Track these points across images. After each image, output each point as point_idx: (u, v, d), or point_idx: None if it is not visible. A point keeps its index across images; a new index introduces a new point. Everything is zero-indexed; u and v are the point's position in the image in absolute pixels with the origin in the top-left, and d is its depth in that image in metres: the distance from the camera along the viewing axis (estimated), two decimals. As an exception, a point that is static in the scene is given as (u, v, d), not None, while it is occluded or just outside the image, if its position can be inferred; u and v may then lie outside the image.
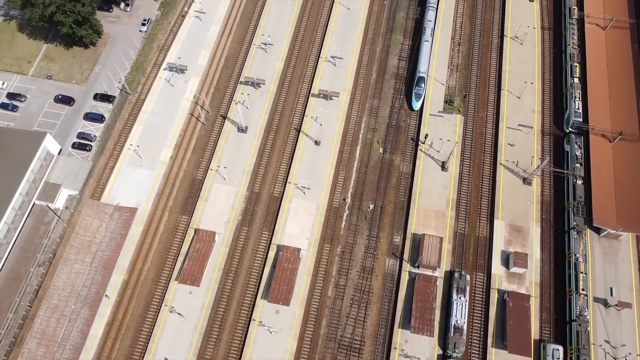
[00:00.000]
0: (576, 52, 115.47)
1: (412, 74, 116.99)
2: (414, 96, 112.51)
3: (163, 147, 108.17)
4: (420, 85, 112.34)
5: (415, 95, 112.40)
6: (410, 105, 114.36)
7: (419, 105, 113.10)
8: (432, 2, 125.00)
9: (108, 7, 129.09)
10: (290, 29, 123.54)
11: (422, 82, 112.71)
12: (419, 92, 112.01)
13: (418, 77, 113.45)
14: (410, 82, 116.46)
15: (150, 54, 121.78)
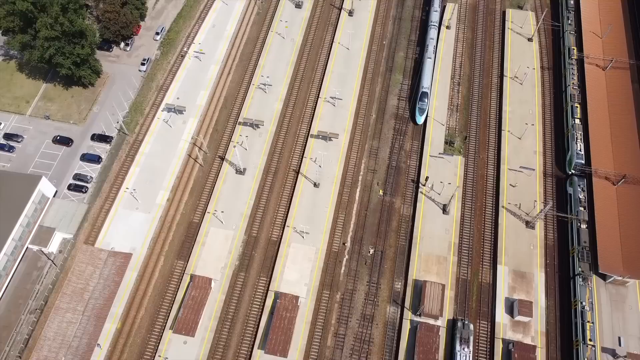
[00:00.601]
0: (576, 93, 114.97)
1: (416, 90, 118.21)
2: (417, 111, 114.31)
3: (160, 190, 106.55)
4: (423, 100, 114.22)
5: (418, 110, 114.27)
6: (413, 120, 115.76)
7: (422, 119, 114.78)
8: (433, 21, 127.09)
9: (108, 46, 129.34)
10: (289, 69, 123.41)
11: (425, 97, 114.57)
12: (422, 106, 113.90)
13: (421, 93, 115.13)
14: (413, 97, 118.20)
15: (149, 94, 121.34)
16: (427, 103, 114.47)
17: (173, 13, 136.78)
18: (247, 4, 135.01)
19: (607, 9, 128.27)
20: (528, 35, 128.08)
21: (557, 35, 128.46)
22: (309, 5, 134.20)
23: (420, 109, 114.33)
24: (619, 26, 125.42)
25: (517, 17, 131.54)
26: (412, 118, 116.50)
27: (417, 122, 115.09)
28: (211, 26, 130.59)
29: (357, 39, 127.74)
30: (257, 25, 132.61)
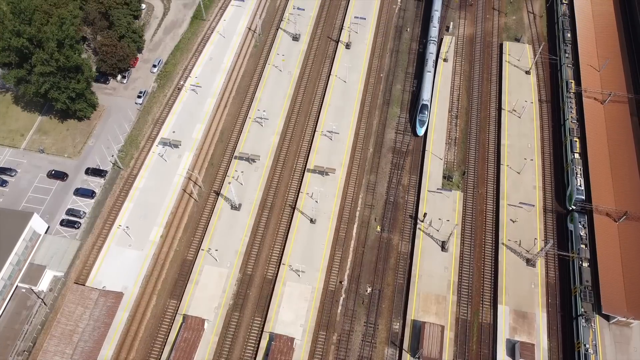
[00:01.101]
0: (575, 127, 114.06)
1: (416, 102, 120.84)
2: (418, 122, 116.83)
3: (153, 226, 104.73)
4: (423, 113, 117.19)
5: (419, 122, 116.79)
6: (414, 132, 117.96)
7: (422, 131, 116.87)
8: (432, 36, 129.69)
9: (105, 79, 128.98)
10: (286, 102, 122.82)
11: (425, 109, 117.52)
12: (423, 118, 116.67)
13: (421, 105, 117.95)
14: (414, 109, 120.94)
15: (145, 128, 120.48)
16: (427, 115, 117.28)
17: (171, 45, 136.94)
18: (244, 37, 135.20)
19: (604, 42, 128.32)
20: (525, 68, 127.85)
21: (554, 68, 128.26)
22: (306, 38, 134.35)
23: (420, 120, 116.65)
24: (617, 60, 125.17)
25: (514, 49, 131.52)
26: (413, 130, 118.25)
27: (418, 134, 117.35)
28: (208, 59, 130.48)
29: (354, 71, 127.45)
30: (254, 58, 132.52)
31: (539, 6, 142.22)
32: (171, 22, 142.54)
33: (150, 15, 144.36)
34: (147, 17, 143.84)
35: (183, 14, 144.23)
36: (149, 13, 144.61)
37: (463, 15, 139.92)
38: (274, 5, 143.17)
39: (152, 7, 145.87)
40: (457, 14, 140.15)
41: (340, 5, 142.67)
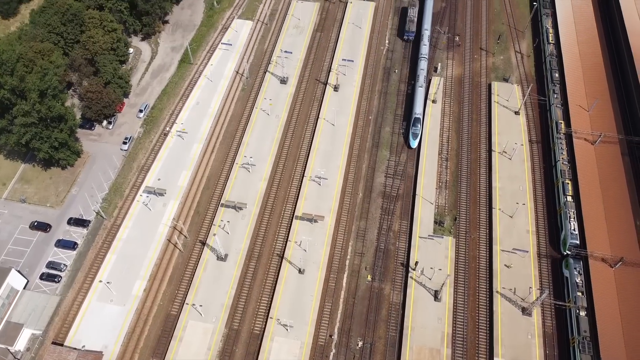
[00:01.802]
0: (567, 169, 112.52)
1: (409, 116, 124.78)
2: (411, 135, 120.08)
3: (136, 279, 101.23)
4: (416, 126, 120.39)
5: (412, 135, 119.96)
6: (407, 144, 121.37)
7: (416, 143, 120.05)
8: (423, 53, 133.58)
9: (90, 125, 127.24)
10: (274, 146, 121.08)
11: (418, 122, 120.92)
12: (416, 131, 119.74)
13: (414, 118, 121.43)
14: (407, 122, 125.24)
15: (130, 175, 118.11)
16: (420, 128, 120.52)
17: (158, 89, 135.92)
18: (232, 81, 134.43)
19: (592, 82, 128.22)
20: (515, 109, 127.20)
21: (544, 108, 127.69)
22: (294, 81, 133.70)
23: (413, 133, 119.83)
24: (605, 100, 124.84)
25: (503, 90, 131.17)
26: (406, 143, 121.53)
27: (411, 146, 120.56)
28: (195, 103, 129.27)
29: (342, 114, 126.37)
30: (241, 102, 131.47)
31: (526, 46, 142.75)
32: (159, 66, 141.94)
33: (138, 59, 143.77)
34: (135, 61, 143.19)
35: (171, 57, 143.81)
36: (137, 57, 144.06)
37: (451, 56, 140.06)
38: (261, 48, 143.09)
39: (140, 51, 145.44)
40: (444, 55, 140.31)
41: (328, 48, 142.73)
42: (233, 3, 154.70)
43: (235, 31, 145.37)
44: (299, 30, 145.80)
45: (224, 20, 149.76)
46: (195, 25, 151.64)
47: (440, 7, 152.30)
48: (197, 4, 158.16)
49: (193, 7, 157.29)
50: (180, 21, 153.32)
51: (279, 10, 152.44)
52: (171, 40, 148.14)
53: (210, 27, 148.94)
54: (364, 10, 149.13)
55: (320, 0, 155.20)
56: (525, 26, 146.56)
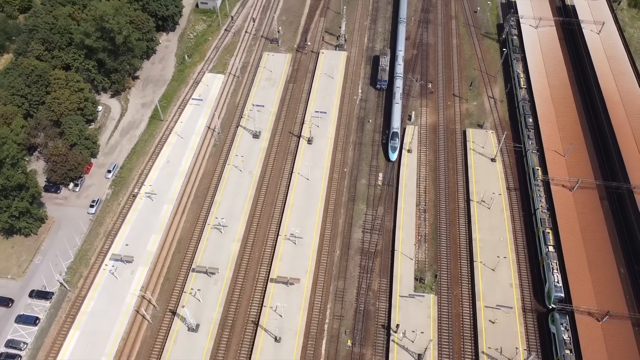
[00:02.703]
0: (546, 217, 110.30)
1: (387, 130, 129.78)
2: (390, 149, 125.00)
3: (101, 357, 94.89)
4: (394, 140, 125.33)
5: (391, 148, 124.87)
6: (387, 157, 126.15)
7: (395, 156, 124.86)
8: (398, 72, 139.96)
9: (55, 188, 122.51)
10: (247, 204, 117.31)
11: (396, 136, 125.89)
12: (394, 145, 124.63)
13: (392, 133, 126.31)
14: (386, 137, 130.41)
15: (96, 241, 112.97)
16: (398, 141, 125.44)
17: (127, 148, 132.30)
18: (203, 137, 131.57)
19: (566, 126, 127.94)
20: (491, 156, 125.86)
21: (520, 154, 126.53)
22: (267, 135, 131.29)
23: (392, 147, 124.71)
24: (580, 144, 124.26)
25: (478, 136, 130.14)
26: (385, 155, 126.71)
27: (391, 159, 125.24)
28: (165, 162, 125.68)
29: (317, 167, 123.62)
30: (213, 158, 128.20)
31: (498, 91, 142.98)
32: (128, 124, 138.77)
33: (107, 117, 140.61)
34: (104, 119, 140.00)
35: (141, 114, 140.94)
36: (106, 115, 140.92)
37: (424, 104, 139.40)
38: (233, 102, 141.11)
39: (109, 109, 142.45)
40: (418, 102, 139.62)
41: (301, 99, 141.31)
42: (204, 57, 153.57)
43: (207, 85, 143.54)
44: (271, 82, 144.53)
45: (195, 75, 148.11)
46: (166, 80, 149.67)
47: (412, 54, 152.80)
48: (168, 58, 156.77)
49: (164, 61, 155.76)
50: (151, 76, 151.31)
51: (251, 62, 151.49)
52: (141, 96, 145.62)
53: (181, 81, 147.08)
54: (336, 60, 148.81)
55: (292, 51, 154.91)
56: (497, 71, 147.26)
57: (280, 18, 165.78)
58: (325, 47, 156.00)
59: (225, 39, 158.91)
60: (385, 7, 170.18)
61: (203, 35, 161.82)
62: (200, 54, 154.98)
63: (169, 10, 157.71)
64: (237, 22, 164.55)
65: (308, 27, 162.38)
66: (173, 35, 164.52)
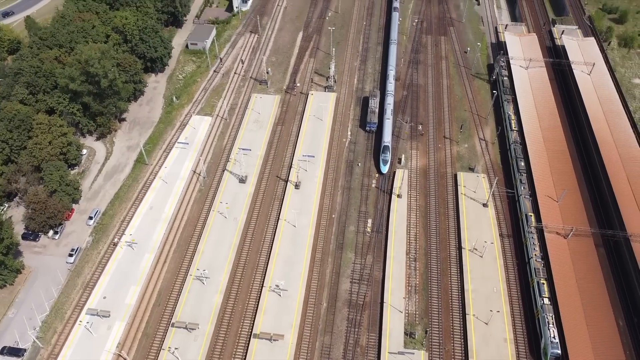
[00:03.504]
0: (541, 267, 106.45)
1: (378, 144, 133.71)
2: (381, 162, 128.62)
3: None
4: (385, 153, 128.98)
5: (382, 162, 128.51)
6: (378, 170, 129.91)
7: (386, 169, 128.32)
8: (389, 89, 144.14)
9: (34, 236, 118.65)
10: (231, 253, 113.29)
11: (387, 150, 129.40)
12: (385, 158, 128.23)
13: (383, 146, 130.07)
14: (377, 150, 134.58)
15: (73, 293, 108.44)
16: (389, 155, 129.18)
17: (111, 193, 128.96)
18: (188, 181, 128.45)
19: (559, 170, 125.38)
20: (482, 200, 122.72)
21: (512, 198, 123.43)
22: (253, 180, 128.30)
23: (383, 160, 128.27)
24: (574, 189, 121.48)
25: (469, 180, 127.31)
26: (377, 169, 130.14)
27: (382, 172, 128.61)
28: (149, 208, 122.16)
29: (304, 214, 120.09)
30: (198, 204, 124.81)
31: (490, 132, 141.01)
32: (113, 167, 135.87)
33: (92, 161, 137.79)
34: (88, 162, 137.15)
35: (126, 157, 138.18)
36: (90, 158, 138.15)
37: (414, 146, 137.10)
38: (220, 145, 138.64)
39: (94, 152, 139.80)
40: (408, 145, 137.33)
41: (289, 142, 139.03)
42: (192, 98, 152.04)
43: (193, 128, 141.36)
44: (259, 124, 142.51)
45: (182, 117, 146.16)
46: (153, 122, 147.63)
47: (402, 95, 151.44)
48: (156, 100, 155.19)
49: (152, 103, 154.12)
50: (138, 118, 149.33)
51: (239, 104, 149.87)
52: (127, 139, 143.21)
53: (168, 124, 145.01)
54: (325, 102, 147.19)
55: (281, 93, 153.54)
56: (488, 112, 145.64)
57: (269, 59, 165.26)
58: (315, 88, 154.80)
59: (214, 81, 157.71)
60: (375, 47, 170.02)
61: (192, 77, 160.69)
62: (189, 95, 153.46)
63: (158, 52, 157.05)
64: (226, 64, 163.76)
65: (297, 68, 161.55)
66: (162, 76, 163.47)
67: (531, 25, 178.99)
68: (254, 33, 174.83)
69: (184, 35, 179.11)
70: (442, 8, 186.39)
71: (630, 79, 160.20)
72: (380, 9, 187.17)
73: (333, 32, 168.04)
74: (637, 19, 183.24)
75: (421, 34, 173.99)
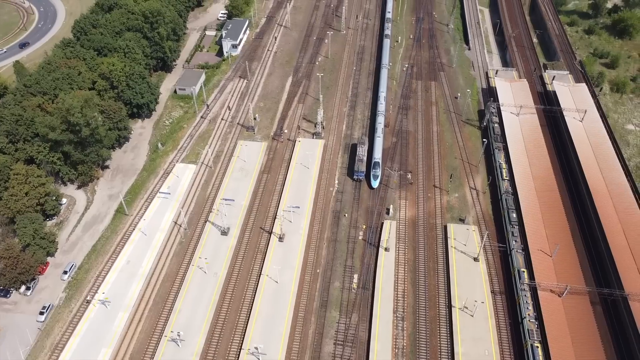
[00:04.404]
0: (534, 328, 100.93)
1: (369, 160, 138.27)
2: (372, 177, 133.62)
3: None
4: (376, 169, 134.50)
5: (372, 177, 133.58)
6: (369, 185, 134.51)
7: (376, 184, 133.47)
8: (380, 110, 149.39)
9: (4, 292, 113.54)
10: (209, 312, 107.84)
11: (377, 165, 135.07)
12: (376, 173, 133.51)
13: (374, 162, 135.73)
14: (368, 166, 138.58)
15: (41, 356, 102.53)
16: (380, 170, 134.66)
17: (88, 245, 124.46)
18: (168, 233, 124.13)
19: (552, 223, 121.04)
20: (473, 254, 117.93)
21: (505, 252, 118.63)
22: (236, 232, 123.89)
23: (374, 175, 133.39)
24: (568, 243, 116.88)
25: (460, 232, 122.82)
26: (368, 184, 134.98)
27: (373, 187, 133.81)
28: (125, 262, 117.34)
29: (287, 268, 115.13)
30: (177, 258, 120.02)
31: (481, 181, 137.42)
32: (93, 217, 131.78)
33: (71, 210, 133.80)
34: (67, 212, 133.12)
35: (107, 206, 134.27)
36: (70, 208, 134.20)
37: (403, 196, 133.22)
38: (203, 195, 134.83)
39: (74, 201, 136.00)
40: (397, 194, 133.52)
41: (275, 191, 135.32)
42: (178, 145, 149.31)
43: (177, 176, 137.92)
44: (244, 172, 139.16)
45: (166, 165, 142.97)
46: (137, 169, 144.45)
47: (391, 142, 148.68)
48: (141, 146, 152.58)
49: (136, 149, 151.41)
50: (121, 165, 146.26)
51: (225, 151, 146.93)
52: (109, 187, 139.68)
53: (152, 172, 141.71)
54: (312, 150, 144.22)
55: (268, 139, 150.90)
56: (479, 160, 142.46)
57: (258, 104, 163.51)
58: (303, 134, 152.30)
59: (200, 127, 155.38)
60: (365, 93, 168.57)
61: (178, 123, 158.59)
62: (174, 142, 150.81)
63: (145, 98, 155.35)
64: (214, 109, 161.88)
65: (286, 114, 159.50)
66: (148, 121, 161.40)
67: (522, 70, 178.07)
68: (243, 78, 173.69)
69: (173, 79, 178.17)
70: (432, 53, 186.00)
71: (623, 124, 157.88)
72: (371, 54, 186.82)
73: (322, 78, 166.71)
74: (629, 64, 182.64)
75: (411, 79, 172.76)
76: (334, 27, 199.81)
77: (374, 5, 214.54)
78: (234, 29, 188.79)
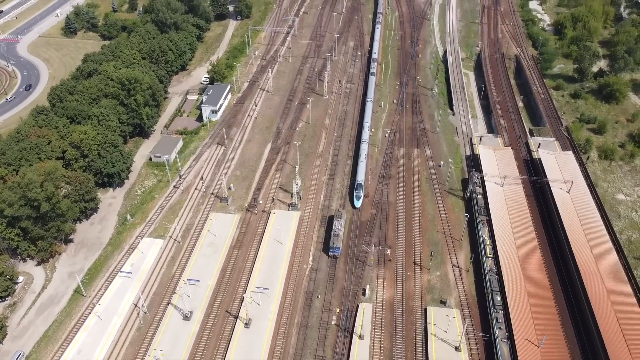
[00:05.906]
0: None
1: (352, 182, 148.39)
2: (355, 197, 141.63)
3: None
4: (358, 190, 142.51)
5: (355, 197, 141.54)
6: (352, 205, 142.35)
7: (359, 204, 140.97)
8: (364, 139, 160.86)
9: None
10: None
11: (360, 187, 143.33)
12: (359, 194, 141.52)
13: (357, 184, 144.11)
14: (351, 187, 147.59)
15: None
16: (362, 191, 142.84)
17: (40, 330, 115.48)
18: (127, 318, 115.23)
19: (539, 307, 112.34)
20: (455, 343, 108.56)
21: (489, 340, 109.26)
22: (199, 316, 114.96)
23: (357, 196, 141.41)
24: (556, 330, 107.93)
25: (440, 317, 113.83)
26: (351, 203, 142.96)
27: (355, 207, 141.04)
28: (77, 352, 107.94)
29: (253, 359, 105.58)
30: (134, 347, 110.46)
31: (464, 258, 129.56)
32: (49, 298, 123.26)
33: (27, 290, 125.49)
34: (22, 293, 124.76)
35: (66, 285, 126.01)
36: (26, 287, 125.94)
37: (381, 274, 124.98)
38: (169, 273, 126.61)
39: (32, 279, 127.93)
40: (374, 273, 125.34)
41: (245, 269, 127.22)
42: (146, 217, 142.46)
43: (142, 252, 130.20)
44: (213, 248, 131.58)
45: (132, 239, 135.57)
46: (102, 244, 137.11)
47: (370, 214, 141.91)
48: (109, 217, 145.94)
49: (104, 221, 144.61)
50: (86, 239, 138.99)
51: (195, 224, 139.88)
52: (71, 264, 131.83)
53: (117, 247, 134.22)
54: (287, 223, 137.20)
55: (242, 211, 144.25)
56: (462, 234, 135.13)
57: (234, 172, 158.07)
58: (278, 205, 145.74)
59: (172, 197, 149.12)
60: (345, 160, 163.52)
61: (150, 192, 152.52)
62: (143, 213, 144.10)
63: (116, 167, 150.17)
64: (188, 178, 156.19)
65: (262, 183, 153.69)
66: (120, 191, 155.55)
67: (507, 136, 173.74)
68: (221, 145, 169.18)
69: (150, 146, 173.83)
70: (415, 118, 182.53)
71: (613, 194, 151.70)
72: (353, 119, 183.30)
73: (300, 146, 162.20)
74: (617, 129, 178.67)
75: (393, 146, 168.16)
76: (317, 91, 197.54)
77: (357, 69, 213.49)
78: (214, 94, 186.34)
